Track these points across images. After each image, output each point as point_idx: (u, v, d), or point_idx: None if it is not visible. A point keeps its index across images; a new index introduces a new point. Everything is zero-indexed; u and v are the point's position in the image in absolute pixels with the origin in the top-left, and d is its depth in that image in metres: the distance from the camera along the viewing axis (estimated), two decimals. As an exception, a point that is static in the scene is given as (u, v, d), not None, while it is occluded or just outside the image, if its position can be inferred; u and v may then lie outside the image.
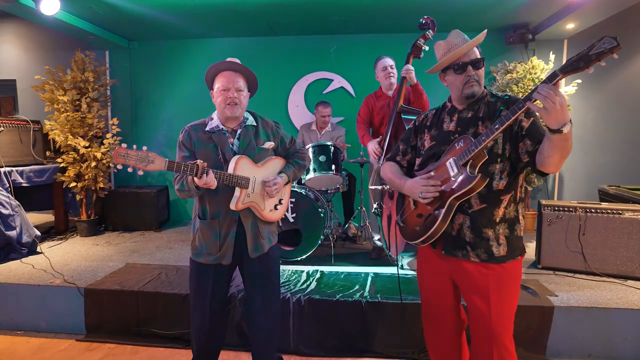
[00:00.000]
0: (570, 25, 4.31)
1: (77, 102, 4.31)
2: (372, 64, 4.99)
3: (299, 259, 3.47)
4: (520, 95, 4.30)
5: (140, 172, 1.85)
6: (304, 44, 5.09)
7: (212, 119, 1.93)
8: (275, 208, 2.04)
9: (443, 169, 1.61)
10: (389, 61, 3.50)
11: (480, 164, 1.52)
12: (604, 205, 3.13)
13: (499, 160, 1.55)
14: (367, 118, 3.69)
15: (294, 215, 3.45)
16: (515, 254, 1.60)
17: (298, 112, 5.15)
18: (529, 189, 4.59)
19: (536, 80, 4.26)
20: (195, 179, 1.69)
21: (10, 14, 4.24)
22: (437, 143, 1.69)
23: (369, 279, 3.08)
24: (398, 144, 1.90)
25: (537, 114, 1.38)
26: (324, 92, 5.12)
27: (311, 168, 3.59)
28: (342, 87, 5.10)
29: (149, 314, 2.84)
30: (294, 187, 3.57)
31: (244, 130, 1.92)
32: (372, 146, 3.38)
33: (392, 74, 3.47)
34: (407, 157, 1.86)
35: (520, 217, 1.63)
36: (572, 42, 4.75)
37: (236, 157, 1.82)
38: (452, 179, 1.56)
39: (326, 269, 3.33)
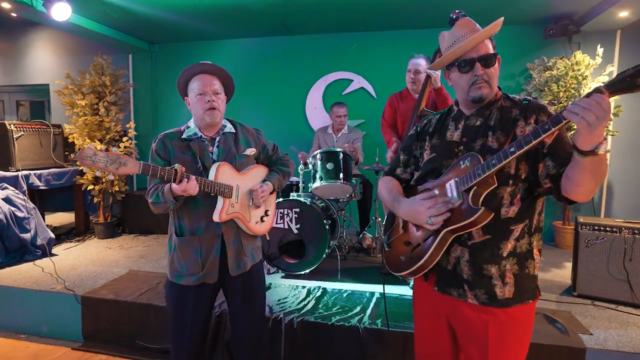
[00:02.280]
0: (623, 14, 3.75)
1: (96, 106, 4.37)
2: (394, 62, 4.70)
3: (302, 273, 3.25)
4: (561, 95, 3.81)
5: (111, 177, 1.70)
6: (321, 43, 4.86)
7: (188, 127, 1.80)
8: (262, 220, 1.90)
9: (442, 191, 1.31)
10: (416, 64, 3.07)
11: (487, 192, 1.20)
12: (657, 225, 2.64)
13: (510, 182, 1.23)
14: (393, 120, 3.39)
15: (297, 226, 3.23)
16: (524, 296, 1.27)
17: (316, 114, 4.94)
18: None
19: (579, 78, 3.75)
20: (173, 185, 1.54)
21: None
22: (437, 155, 1.39)
23: (374, 300, 2.81)
24: (398, 153, 1.61)
25: (568, 126, 1.10)
26: (343, 94, 4.86)
27: (317, 176, 3.36)
28: (362, 88, 4.82)
29: (141, 326, 2.76)
30: (299, 195, 3.36)
31: (222, 138, 1.79)
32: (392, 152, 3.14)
33: (414, 80, 3.10)
34: (410, 170, 1.54)
35: (535, 252, 1.29)
36: (626, 34, 4.15)
37: (217, 163, 1.68)
38: (450, 205, 1.26)
39: (330, 285, 3.09)
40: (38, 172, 4.03)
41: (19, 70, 5.85)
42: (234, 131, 1.82)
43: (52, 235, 3.87)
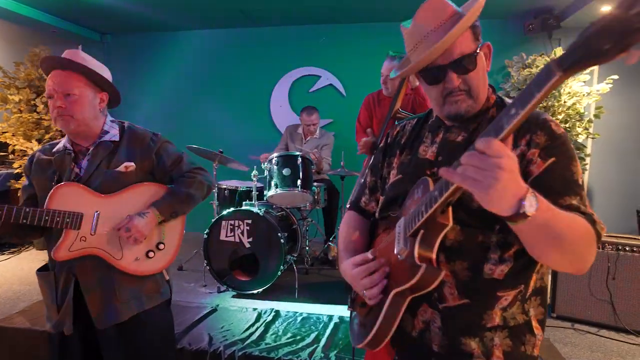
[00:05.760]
0: (605, 8, 3.51)
1: (33, 102, 3.91)
2: (365, 58, 4.38)
3: (254, 292, 2.90)
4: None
5: None
6: (287, 36, 4.51)
7: (65, 136, 1.47)
8: (148, 256, 1.43)
9: (393, 235, 0.94)
10: (389, 65, 2.70)
11: (440, 238, 0.81)
12: (643, 241, 2.38)
13: (496, 227, 0.85)
14: (368, 126, 3.02)
15: (250, 239, 2.88)
16: None
17: (282, 113, 4.58)
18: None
19: (560, 77, 3.48)
20: None
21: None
22: (403, 178, 1.02)
23: (332, 325, 2.47)
24: (365, 174, 1.21)
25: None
26: (310, 91, 4.52)
27: (273, 183, 3.01)
28: (331, 85, 4.49)
29: (61, 360, 2.36)
30: (251, 205, 3.00)
31: (96, 149, 1.41)
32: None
33: (387, 85, 2.75)
34: (377, 195, 1.14)
35: (535, 325, 0.90)
36: (608, 30, 3.92)
37: (56, 185, 1.33)
38: (398, 256, 0.87)
39: (285, 306, 2.75)
40: (-39, 176, 3.56)
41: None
42: (117, 139, 1.44)
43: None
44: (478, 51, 0.90)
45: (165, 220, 1.46)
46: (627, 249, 2.37)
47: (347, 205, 1.25)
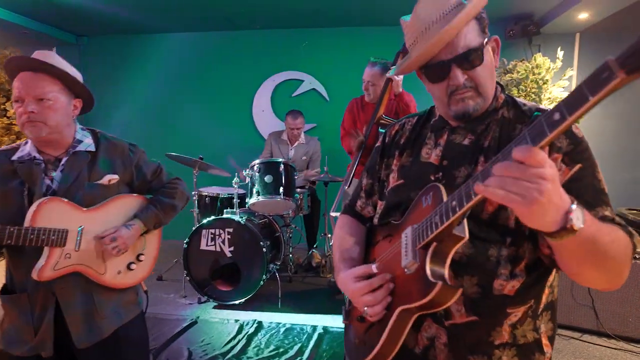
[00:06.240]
0: (583, 16, 3.57)
1: (3, 106, 3.75)
2: (348, 62, 4.36)
3: (236, 302, 2.82)
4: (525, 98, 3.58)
5: None
6: (270, 40, 4.43)
7: (27, 143, 1.33)
8: (129, 268, 1.40)
9: (399, 246, 0.87)
10: (370, 74, 2.66)
11: (453, 252, 0.75)
12: (623, 245, 2.41)
13: (507, 240, 0.79)
14: (353, 130, 2.97)
15: (231, 248, 2.80)
16: None
17: (264, 117, 4.50)
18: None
19: (540, 82, 3.53)
20: None
21: None
22: (405, 183, 0.95)
23: (315, 336, 2.42)
24: (361, 176, 1.15)
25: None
26: (293, 95, 4.46)
27: (255, 190, 2.94)
28: (313, 89, 4.44)
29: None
30: (232, 213, 2.92)
31: (71, 159, 1.30)
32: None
33: (369, 91, 2.71)
34: (374, 199, 1.08)
35: (545, 342, 0.86)
36: (585, 37, 4.00)
37: (39, 200, 1.21)
38: (405, 270, 0.79)
39: (268, 317, 2.68)
40: None
41: None
42: (94, 149, 1.34)
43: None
44: (485, 45, 0.83)
45: (148, 231, 1.42)
46: (608, 253, 2.39)
47: (342, 209, 1.19)
